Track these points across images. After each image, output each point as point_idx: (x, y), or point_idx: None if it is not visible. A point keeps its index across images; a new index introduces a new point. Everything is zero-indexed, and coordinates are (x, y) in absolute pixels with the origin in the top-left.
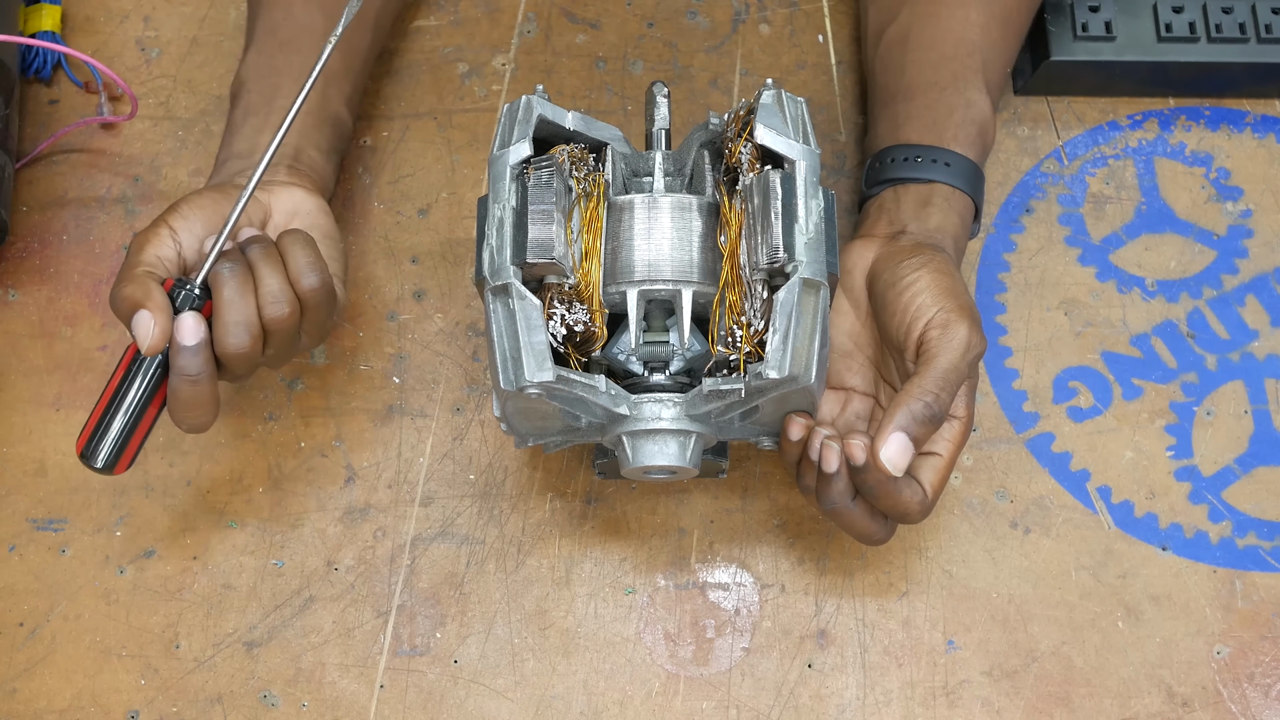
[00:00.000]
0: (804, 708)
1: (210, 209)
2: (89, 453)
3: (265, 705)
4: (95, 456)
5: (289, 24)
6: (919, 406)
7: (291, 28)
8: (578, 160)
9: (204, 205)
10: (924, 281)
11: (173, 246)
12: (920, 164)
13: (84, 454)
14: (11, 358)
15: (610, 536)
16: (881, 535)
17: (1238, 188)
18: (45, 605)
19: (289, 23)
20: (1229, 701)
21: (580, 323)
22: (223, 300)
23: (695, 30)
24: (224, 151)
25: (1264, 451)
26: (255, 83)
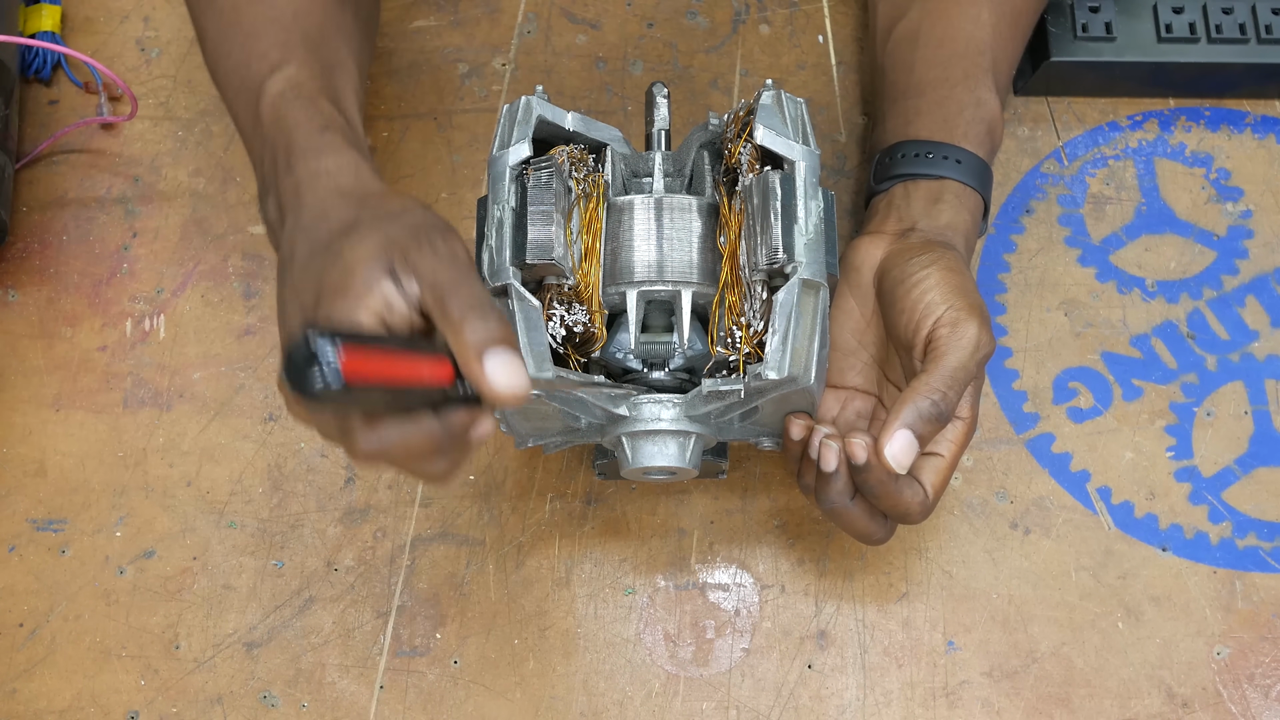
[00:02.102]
0: (804, 708)
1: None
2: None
3: (265, 706)
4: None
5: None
6: (926, 404)
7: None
8: (577, 161)
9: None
10: (934, 279)
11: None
12: (931, 160)
13: (305, 342)
14: (11, 358)
15: (610, 537)
16: (881, 535)
17: (1238, 188)
18: (45, 605)
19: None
20: (1229, 702)
21: (580, 323)
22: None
23: (695, 30)
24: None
25: (1264, 452)
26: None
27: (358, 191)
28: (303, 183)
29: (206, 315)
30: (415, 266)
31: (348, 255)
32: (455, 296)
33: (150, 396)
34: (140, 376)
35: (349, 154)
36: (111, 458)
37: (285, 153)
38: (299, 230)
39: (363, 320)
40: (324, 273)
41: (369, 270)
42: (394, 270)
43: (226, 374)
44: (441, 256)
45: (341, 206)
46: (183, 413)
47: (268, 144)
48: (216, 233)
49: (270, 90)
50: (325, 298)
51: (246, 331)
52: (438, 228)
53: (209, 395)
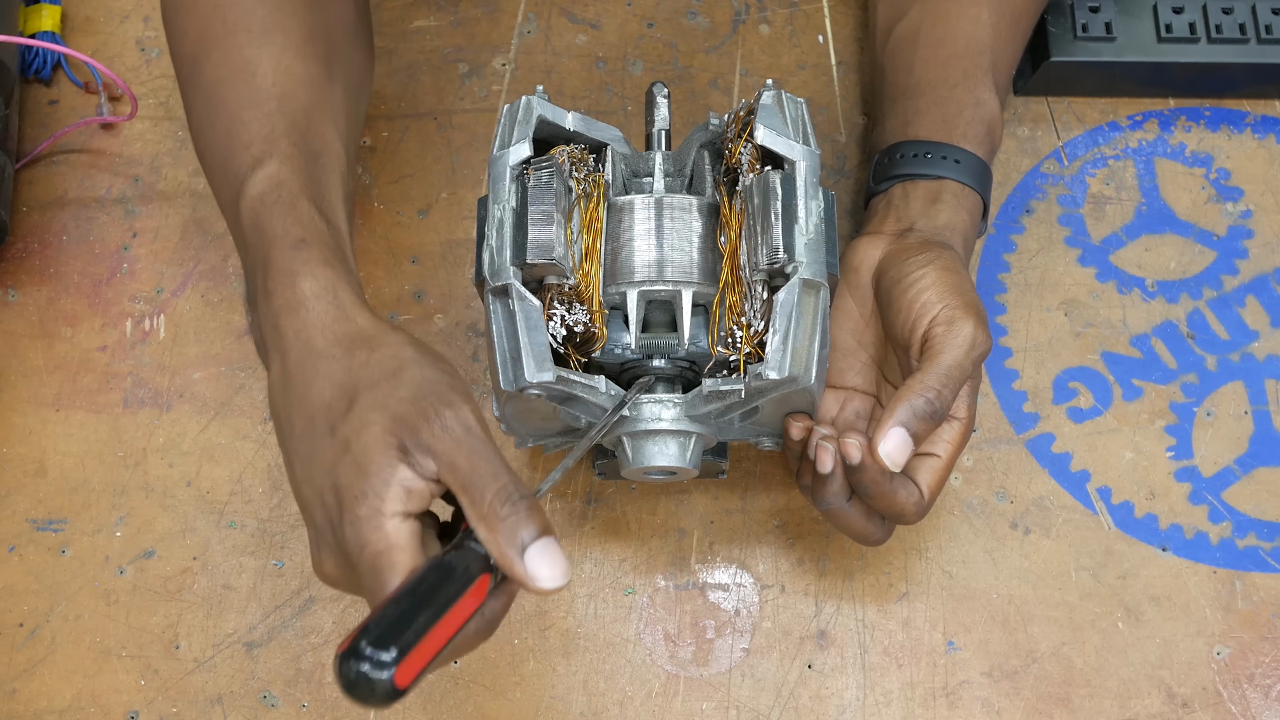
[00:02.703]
0: (804, 708)
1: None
2: (365, 653)
3: (265, 706)
4: (379, 655)
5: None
6: (920, 402)
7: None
8: (578, 161)
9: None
10: (930, 278)
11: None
12: (930, 160)
13: (356, 654)
14: (11, 358)
15: (610, 537)
16: (878, 536)
17: (1238, 188)
18: (45, 605)
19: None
20: (1229, 702)
21: (580, 323)
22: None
23: (695, 30)
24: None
25: (1264, 452)
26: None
27: (342, 334)
28: (281, 317)
29: (206, 315)
30: (429, 448)
31: (356, 447)
32: (478, 484)
33: (150, 396)
34: (140, 376)
35: (326, 276)
36: (111, 458)
37: (263, 269)
38: (288, 384)
39: (387, 521)
40: (335, 465)
41: (382, 459)
42: (405, 449)
43: (226, 374)
44: (454, 434)
45: (329, 358)
46: (183, 413)
47: (249, 250)
48: (216, 233)
49: (250, 191)
50: (346, 502)
51: (246, 331)
52: (438, 394)
53: (209, 395)
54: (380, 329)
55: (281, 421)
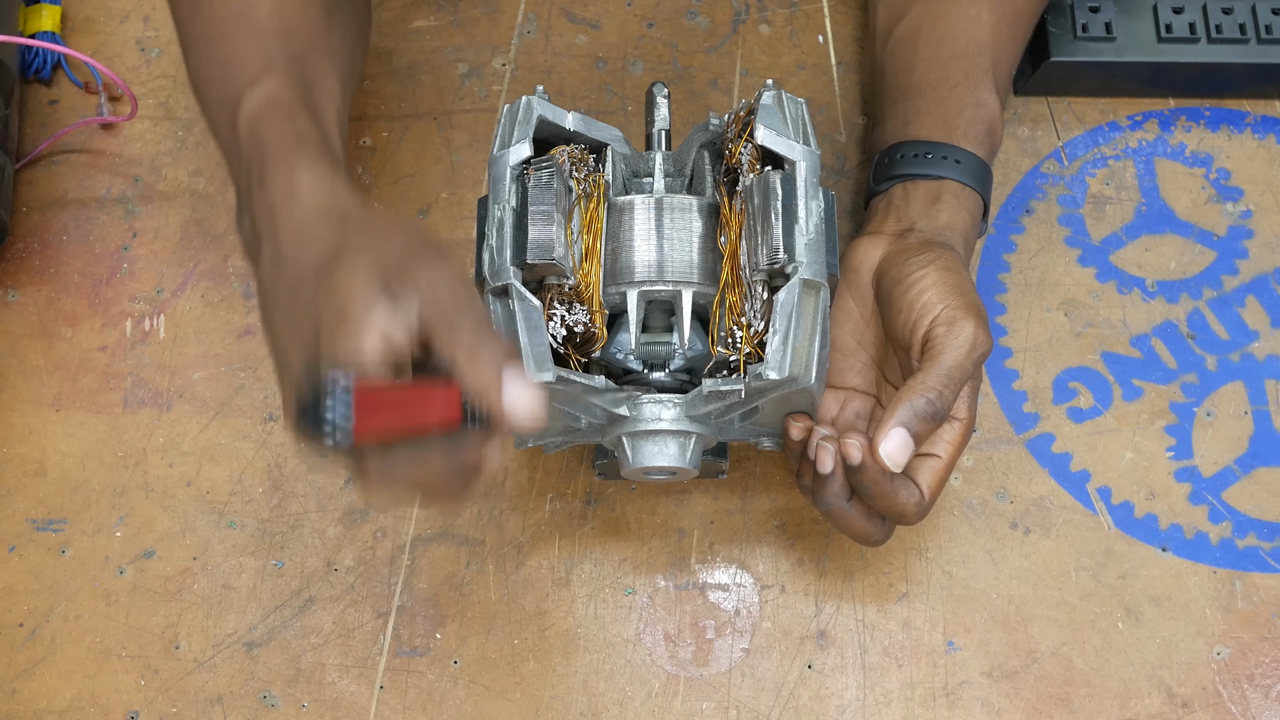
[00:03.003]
0: (804, 708)
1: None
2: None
3: (265, 706)
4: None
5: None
6: (921, 403)
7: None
8: (578, 161)
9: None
10: (931, 278)
11: None
12: (930, 160)
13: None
14: (11, 358)
15: (610, 537)
16: (878, 536)
17: (1238, 188)
18: (45, 605)
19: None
20: (1229, 702)
21: (580, 323)
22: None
23: (695, 30)
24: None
25: (1264, 452)
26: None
27: (337, 210)
28: (277, 203)
29: (206, 315)
30: (414, 285)
31: (341, 282)
32: (461, 320)
33: (150, 396)
34: (140, 376)
35: (323, 168)
36: (111, 458)
37: (259, 168)
38: (279, 259)
39: (365, 351)
40: (318, 303)
41: (365, 296)
42: (390, 293)
43: (226, 374)
44: (439, 279)
45: (322, 228)
46: (183, 413)
47: (243, 160)
48: (216, 233)
49: (248, 105)
50: (325, 331)
51: (246, 331)
52: (430, 246)
53: (209, 395)
54: (380, 211)
55: (268, 294)
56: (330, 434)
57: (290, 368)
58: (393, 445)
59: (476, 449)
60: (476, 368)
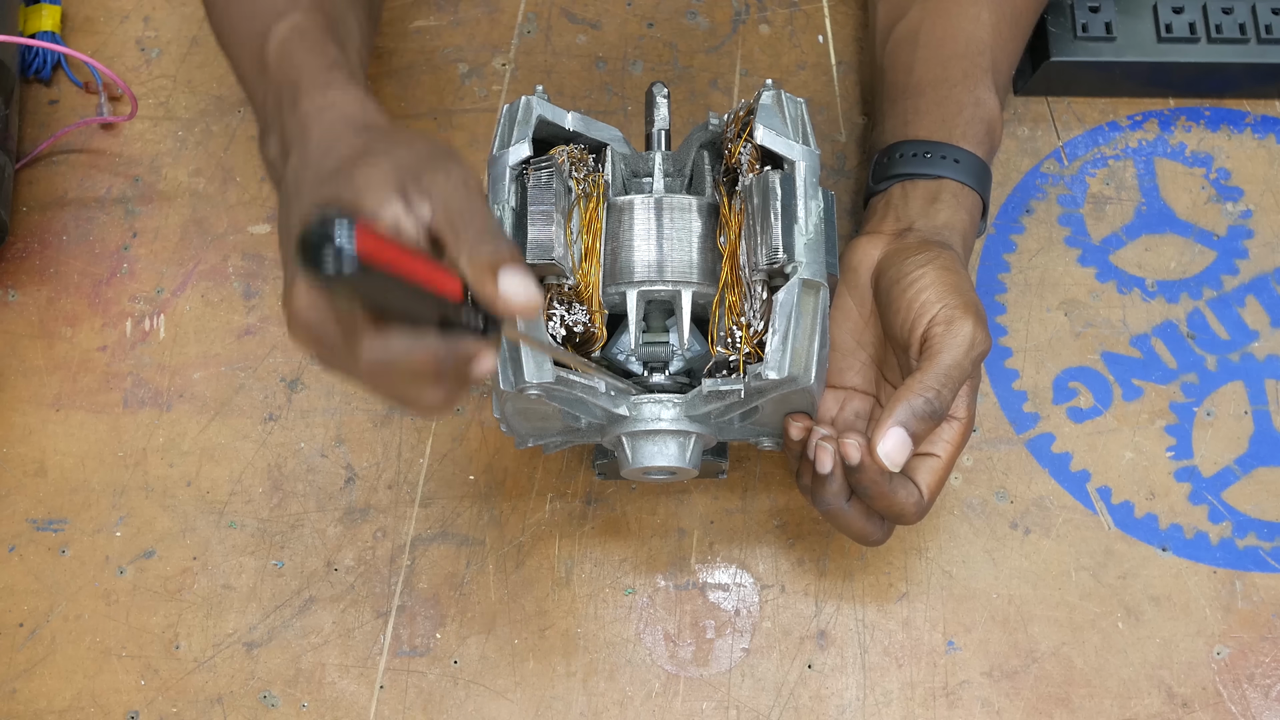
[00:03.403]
0: (804, 708)
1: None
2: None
3: (265, 706)
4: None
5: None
6: (919, 402)
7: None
8: (577, 161)
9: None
10: (929, 278)
11: None
12: (929, 160)
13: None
14: (11, 358)
15: (610, 537)
16: (878, 536)
17: (1238, 188)
18: (45, 605)
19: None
20: (1229, 702)
21: (580, 323)
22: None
23: (695, 30)
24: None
25: (1264, 452)
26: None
27: (366, 122)
28: (309, 116)
29: (206, 315)
30: (428, 189)
31: (359, 178)
32: (469, 219)
33: (150, 396)
34: (140, 376)
35: (355, 90)
36: (111, 458)
37: (291, 90)
38: (305, 164)
39: None
40: (335, 194)
41: (380, 190)
42: (406, 192)
43: (226, 374)
44: (454, 182)
45: (349, 136)
46: (183, 413)
47: (272, 85)
48: (216, 233)
49: (276, 35)
50: None
51: (246, 331)
52: (450, 156)
53: (209, 395)
54: (406, 126)
55: (290, 194)
56: (335, 257)
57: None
58: (390, 325)
59: (469, 350)
60: (476, 256)
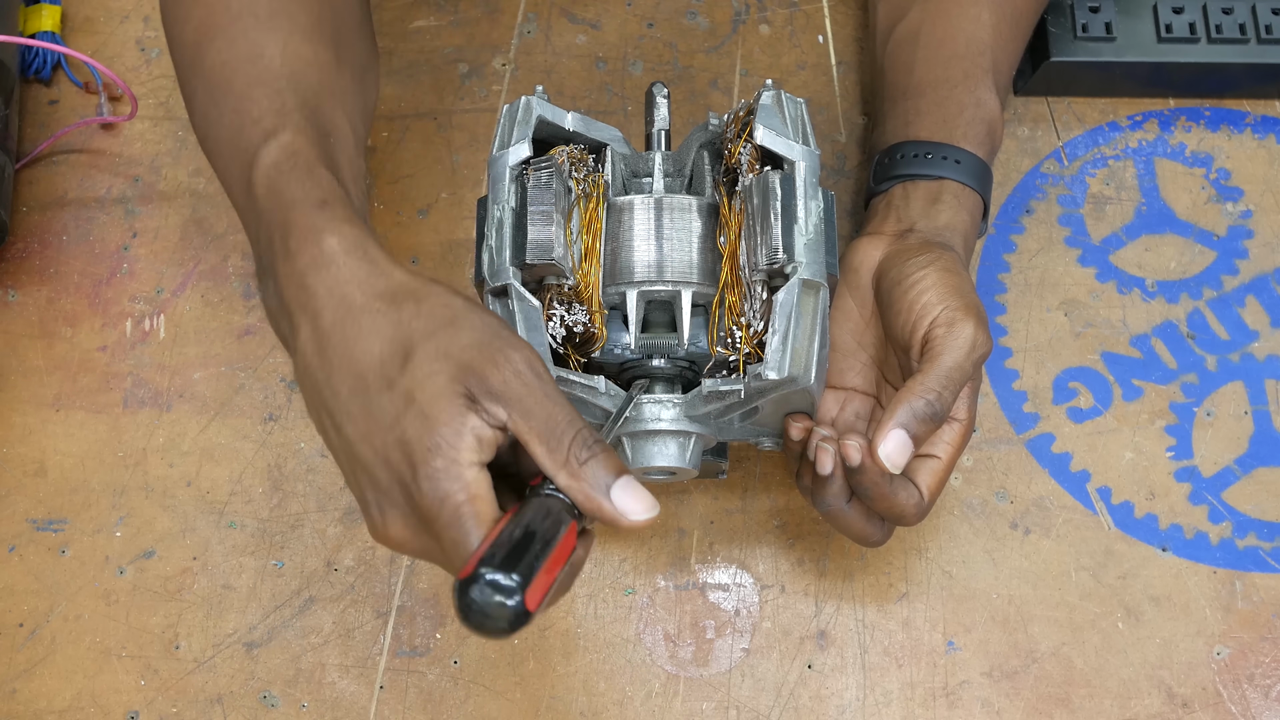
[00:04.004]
0: (804, 708)
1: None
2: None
3: (265, 706)
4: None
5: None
6: (920, 404)
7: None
8: (577, 161)
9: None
10: (930, 279)
11: None
12: (930, 160)
13: (479, 580)
14: (11, 358)
15: (610, 537)
16: (878, 537)
17: (1238, 188)
18: (45, 606)
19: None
20: (1229, 702)
21: (580, 324)
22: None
23: (695, 30)
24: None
25: (1264, 452)
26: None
27: (382, 289)
28: (308, 274)
29: (206, 315)
30: (499, 396)
31: (421, 398)
32: (555, 431)
33: (150, 396)
34: (140, 376)
35: (351, 232)
36: (111, 458)
37: (282, 232)
38: (327, 345)
39: (469, 481)
40: (399, 421)
41: (451, 408)
42: (474, 398)
43: (226, 374)
44: (524, 379)
45: (372, 314)
46: (183, 413)
47: (263, 220)
48: (216, 233)
49: (264, 160)
50: (419, 456)
51: (246, 331)
52: (501, 339)
53: (209, 395)
54: (422, 281)
55: (320, 386)
56: (510, 621)
57: (378, 485)
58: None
59: (583, 558)
60: (586, 488)
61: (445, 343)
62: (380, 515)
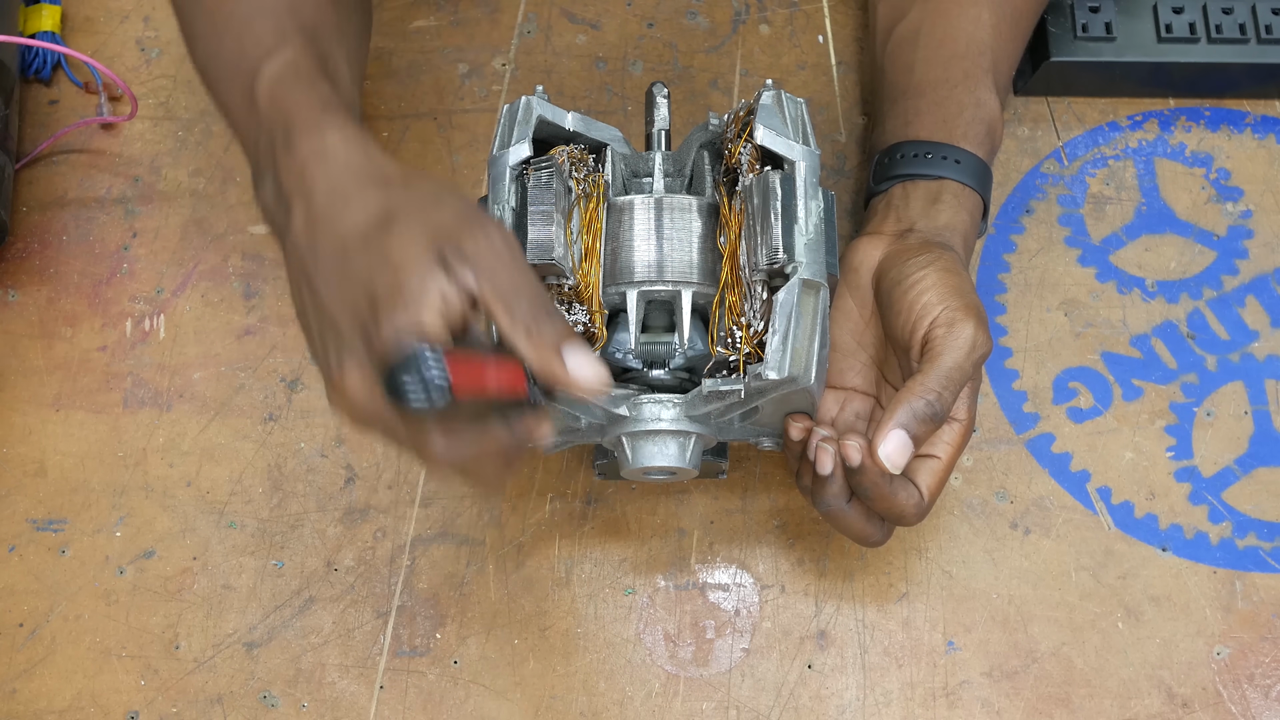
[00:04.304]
0: (804, 708)
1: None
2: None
3: (265, 706)
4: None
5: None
6: (920, 404)
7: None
8: (577, 161)
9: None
10: (930, 279)
11: None
12: (930, 160)
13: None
14: (11, 358)
15: (610, 537)
16: (878, 538)
17: (1238, 188)
18: (45, 606)
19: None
20: (1229, 702)
21: (580, 323)
22: None
23: (695, 30)
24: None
25: (1264, 452)
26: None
27: (375, 173)
28: (308, 162)
29: (206, 315)
30: (470, 257)
31: (395, 253)
32: (519, 293)
33: (150, 396)
34: (140, 376)
35: (353, 130)
36: (111, 458)
37: (285, 132)
38: (317, 220)
39: (426, 324)
40: (371, 273)
41: (421, 264)
42: (446, 261)
43: (226, 374)
44: (497, 248)
45: (362, 190)
46: (183, 413)
47: (264, 126)
48: (216, 233)
49: (266, 73)
50: (382, 303)
51: (246, 331)
52: (482, 215)
53: (209, 395)
54: (415, 171)
55: (305, 255)
56: (428, 395)
57: (341, 335)
58: (458, 418)
59: (530, 429)
60: (539, 346)
61: (427, 214)
62: (339, 367)
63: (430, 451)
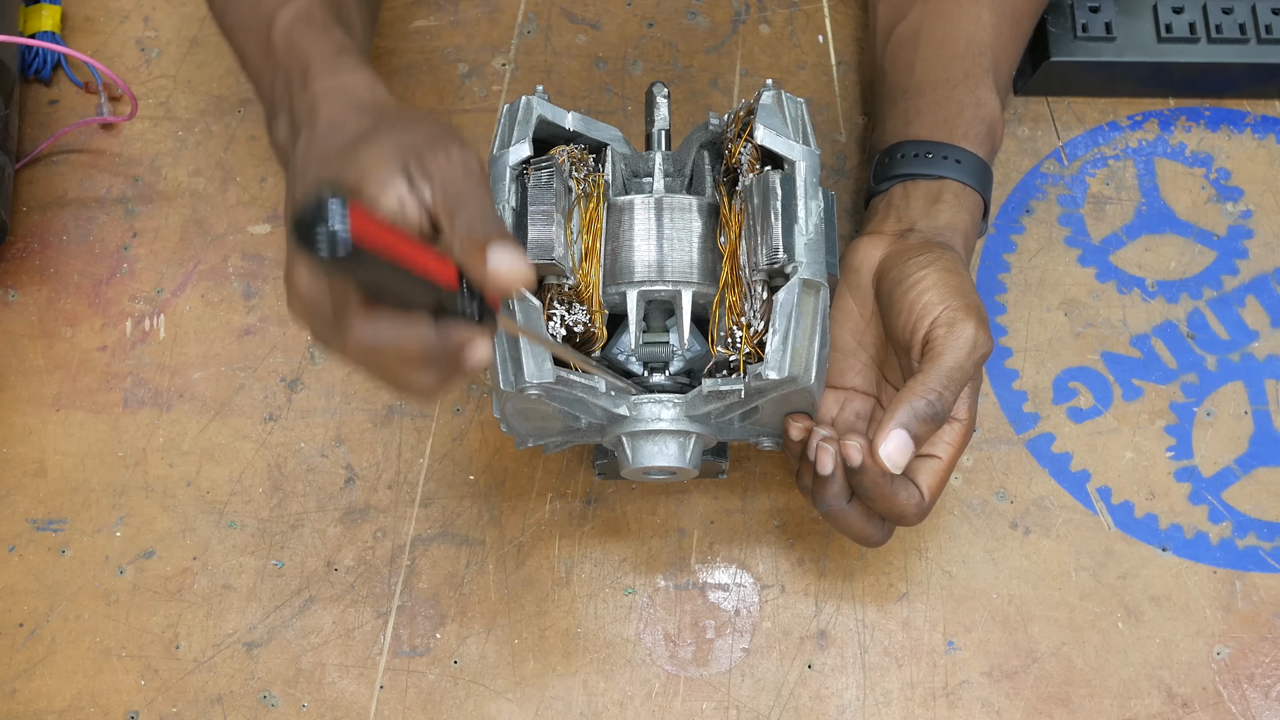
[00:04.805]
0: (804, 708)
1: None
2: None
3: (265, 706)
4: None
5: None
6: (921, 404)
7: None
8: (577, 161)
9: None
10: (931, 279)
11: None
12: (931, 160)
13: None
14: (11, 358)
15: (610, 537)
16: (878, 538)
17: (1238, 188)
18: (45, 605)
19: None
20: (1229, 702)
21: (580, 324)
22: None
23: (695, 30)
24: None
25: (1264, 452)
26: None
27: (375, 104)
28: (319, 98)
29: (206, 315)
30: (429, 171)
31: (364, 157)
32: (465, 202)
33: (150, 396)
34: (140, 376)
35: (366, 72)
36: (111, 458)
37: (300, 73)
38: (312, 143)
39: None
40: (339, 173)
41: (384, 170)
42: (409, 172)
43: (226, 374)
44: (455, 164)
45: (358, 117)
46: (183, 413)
47: (280, 68)
48: (216, 233)
49: (282, 19)
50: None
51: (246, 331)
52: (454, 138)
53: (209, 395)
54: (414, 107)
55: (296, 170)
56: (329, 239)
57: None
58: (381, 309)
59: (461, 337)
60: (464, 240)
61: (401, 132)
62: (289, 257)
63: (346, 330)
